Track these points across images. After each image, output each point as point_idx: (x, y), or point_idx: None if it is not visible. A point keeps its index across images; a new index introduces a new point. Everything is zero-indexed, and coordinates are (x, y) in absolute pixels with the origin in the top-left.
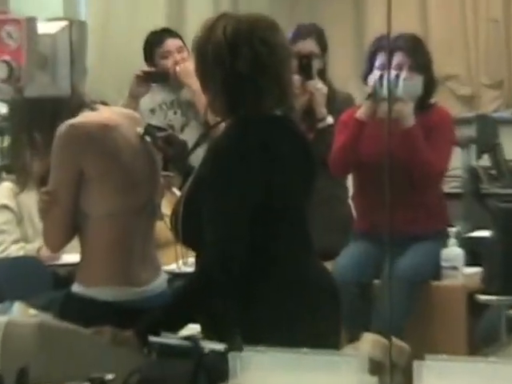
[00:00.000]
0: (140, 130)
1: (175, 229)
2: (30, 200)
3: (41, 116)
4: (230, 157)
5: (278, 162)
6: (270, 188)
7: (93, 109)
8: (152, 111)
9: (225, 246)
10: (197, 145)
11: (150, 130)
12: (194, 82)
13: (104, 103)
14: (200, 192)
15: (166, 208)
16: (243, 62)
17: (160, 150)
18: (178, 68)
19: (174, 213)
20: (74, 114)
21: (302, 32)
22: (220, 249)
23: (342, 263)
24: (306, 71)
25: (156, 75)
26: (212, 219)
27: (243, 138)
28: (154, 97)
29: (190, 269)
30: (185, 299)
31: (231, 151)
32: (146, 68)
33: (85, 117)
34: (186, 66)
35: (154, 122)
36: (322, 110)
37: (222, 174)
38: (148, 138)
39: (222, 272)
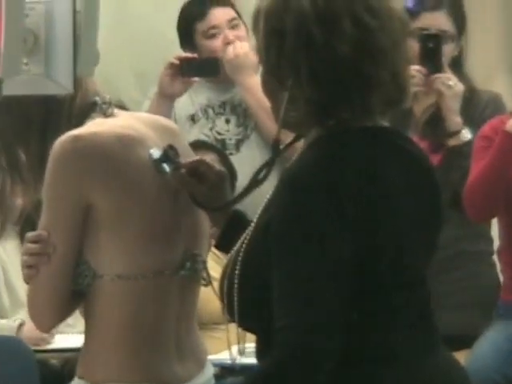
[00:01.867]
0: (155, 151)
1: (228, 301)
2: (8, 253)
3: (27, 125)
4: (316, 195)
5: (384, 202)
6: (371, 243)
7: (107, 114)
8: (193, 118)
9: (309, 335)
10: (256, 180)
11: (170, 154)
12: (249, 77)
13: (120, 106)
14: (265, 248)
15: (214, 269)
16: (343, 41)
17: (186, 187)
18: (228, 52)
19: (225, 277)
20: (78, 122)
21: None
22: (301, 340)
23: (482, 354)
24: (431, 59)
25: (199, 64)
26: (287, 292)
27: (331, 164)
28: (196, 97)
29: (250, 360)
30: None
31: (319, 186)
32: (180, 53)
33: (95, 126)
34: (240, 51)
35: (195, 134)
36: (454, 118)
37: (305, 222)
38: (166, 168)
39: (306, 376)
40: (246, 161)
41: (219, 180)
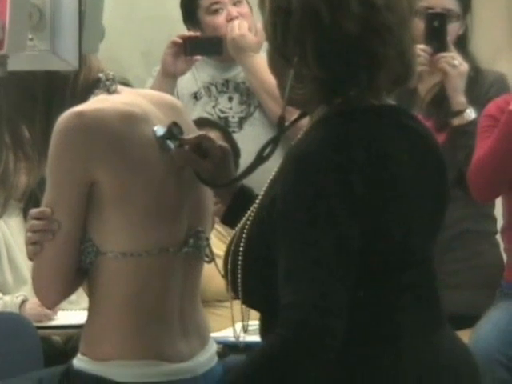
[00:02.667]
0: (159, 128)
1: (232, 278)
2: (12, 229)
3: (32, 101)
4: (324, 174)
5: (392, 182)
6: (379, 223)
7: (110, 91)
8: (195, 96)
9: (315, 313)
10: (261, 157)
11: (174, 131)
12: (251, 56)
13: (125, 83)
14: (270, 225)
15: (217, 246)
16: (350, 19)
17: (191, 164)
18: (233, 30)
19: (230, 254)
20: (82, 98)
21: None
22: (307, 318)
23: (485, 333)
24: (436, 38)
25: (202, 43)
26: (294, 270)
27: (338, 143)
28: (199, 75)
29: (253, 338)
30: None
31: (326, 165)
32: (185, 32)
33: (100, 102)
34: (244, 31)
35: (198, 112)
36: (459, 98)
37: (312, 201)
38: (171, 145)
39: (311, 354)
40: (249, 139)
41: (223, 155)
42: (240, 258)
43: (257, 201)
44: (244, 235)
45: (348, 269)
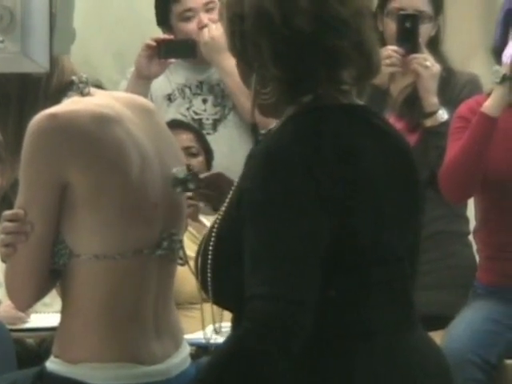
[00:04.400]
0: (178, 171)
1: (202, 278)
2: None
3: (4, 103)
4: (292, 170)
5: (361, 179)
6: (349, 220)
7: (83, 93)
8: (169, 98)
9: (280, 305)
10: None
11: (194, 177)
12: (226, 58)
13: (98, 86)
14: (238, 222)
15: (190, 248)
16: (300, 15)
17: (210, 201)
18: (204, 35)
19: (201, 253)
20: (55, 100)
21: None
22: (271, 309)
23: (458, 334)
24: (408, 39)
25: (176, 46)
26: (259, 262)
27: (308, 139)
28: (173, 77)
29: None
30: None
31: (294, 161)
32: (160, 35)
33: (73, 103)
34: (216, 33)
35: (172, 114)
36: (431, 99)
37: (280, 197)
38: (191, 186)
39: (277, 347)
40: (223, 141)
41: (229, 187)
42: (210, 256)
43: (226, 200)
44: (213, 233)
45: (316, 262)
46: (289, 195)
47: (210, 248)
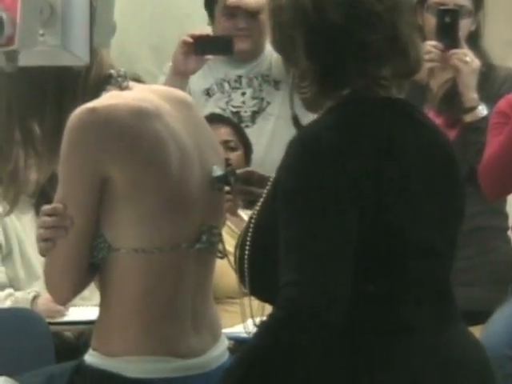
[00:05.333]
0: (218, 171)
1: (240, 270)
2: (24, 225)
3: (42, 97)
4: (326, 161)
5: (399, 174)
6: (386, 215)
7: (122, 87)
8: (208, 93)
9: (313, 293)
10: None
11: (231, 173)
12: None
13: (137, 79)
14: (274, 213)
15: (228, 243)
16: (334, 8)
17: (249, 197)
18: None
19: (239, 246)
20: (95, 94)
21: None
22: (305, 296)
23: (496, 329)
24: (448, 34)
25: (213, 42)
26: (293, 253)
27: (345, 130)
28: (211, 71)
29: None
30: (255, 367)
31: (329, 151)
32: (195, 28)
33: (112, 98)
34: None
35: (210, 108)
36: (471, 94)
37: (312, 190)
38: (231, 181)
39: (307, 336)
40: (262, 133)
41: (261, 184)
42: (247, 249)
43: (264, 191)
44: (251, 226)
45: (348, 253)
46: (321, 186)
47: (248, 240)
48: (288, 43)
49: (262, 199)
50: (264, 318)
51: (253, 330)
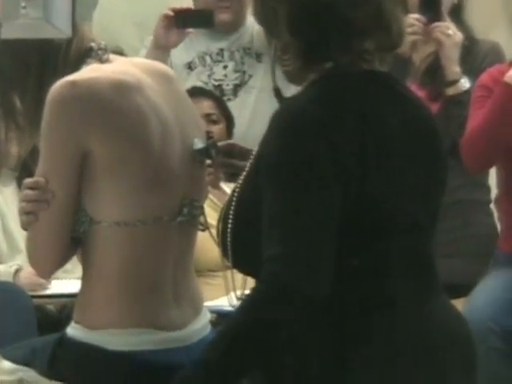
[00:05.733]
0: (198, 143)
1: (222, 243)
2: (6, 198)
3: (24, 70)
4: (309, 134)
5: (381, 147)
6: (368, 188)
7: (102, 60)
8: (190, 66)
9: (296, 267)
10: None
11: (212, 146)
12: None
13: (119, 52)
14: (256, 186)
15: (211, 216)
16: None
17: (230, 169)
18: None
19: (221, 219)
20: (75, 67)
21: None
22: (288, 270)
23: (478, 303)
24: (431, 7)
25: (193, 16)
26: (276, 227)
27: (327, 104)
28: (193, 45)
29: None
30: (238, 340)
31: (311, 125)
32: (177, 3)
33: (92, 71)
34: None
35: (192, 82)
36: (453, 67)
37: (296, 163)
38: (213, 153)
39: (290, 309)
40: (245, 106)
41: (243, 157)
42: (230, 221)
43: (247, 164)
44: (234, 199)
45: (331, 227)
46: (304, 160)
47: (231, 213)
48: (271, 16)
49: (244, 172)
50: (247, 292)
51: (236, 303)
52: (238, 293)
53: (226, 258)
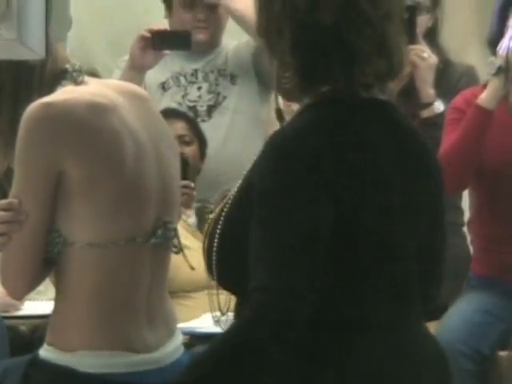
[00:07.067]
0: None
1: (208, 259)
2: None
3: None
4: (299, 160)
5: (372, 175)
6: (355, 214)
7: (77, 81)
8: (163, 87)
9: (281, 297)
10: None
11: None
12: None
13: (93, 74)
14: (246, 207)
15: (184, 237)
16: (325, 7)
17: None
18: None
19: (208, 235)
20: (49, 89)
21: None
22: (273, 300)
23: (450, 325)
24: (406, 30)
25: (170, 37)
26: (263, 254)
27: (321, 130)
28: (168, 65)
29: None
30: (212, 372)
31: (303, 153)
32: (152, 22)
33: (67, 93)
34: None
35: (166, 102)
36: (428, 90)
37: (285, 188)
38: None
39: (273, 338)
40: (218, 127)
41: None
42: (216, 239)
43: (237, 184)
44: (222, 217)
45: (317, 255)
46: (295, 186)
47: (218, 231)
48: (275, 35)
49: (233, 192)
50: (230, 313)
51: (211, 323)
52: (218, 313)
53: (210, 274)
